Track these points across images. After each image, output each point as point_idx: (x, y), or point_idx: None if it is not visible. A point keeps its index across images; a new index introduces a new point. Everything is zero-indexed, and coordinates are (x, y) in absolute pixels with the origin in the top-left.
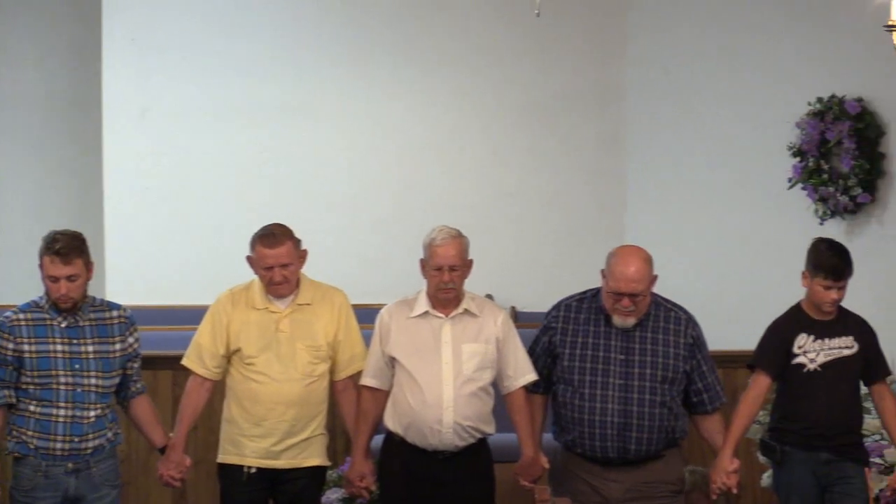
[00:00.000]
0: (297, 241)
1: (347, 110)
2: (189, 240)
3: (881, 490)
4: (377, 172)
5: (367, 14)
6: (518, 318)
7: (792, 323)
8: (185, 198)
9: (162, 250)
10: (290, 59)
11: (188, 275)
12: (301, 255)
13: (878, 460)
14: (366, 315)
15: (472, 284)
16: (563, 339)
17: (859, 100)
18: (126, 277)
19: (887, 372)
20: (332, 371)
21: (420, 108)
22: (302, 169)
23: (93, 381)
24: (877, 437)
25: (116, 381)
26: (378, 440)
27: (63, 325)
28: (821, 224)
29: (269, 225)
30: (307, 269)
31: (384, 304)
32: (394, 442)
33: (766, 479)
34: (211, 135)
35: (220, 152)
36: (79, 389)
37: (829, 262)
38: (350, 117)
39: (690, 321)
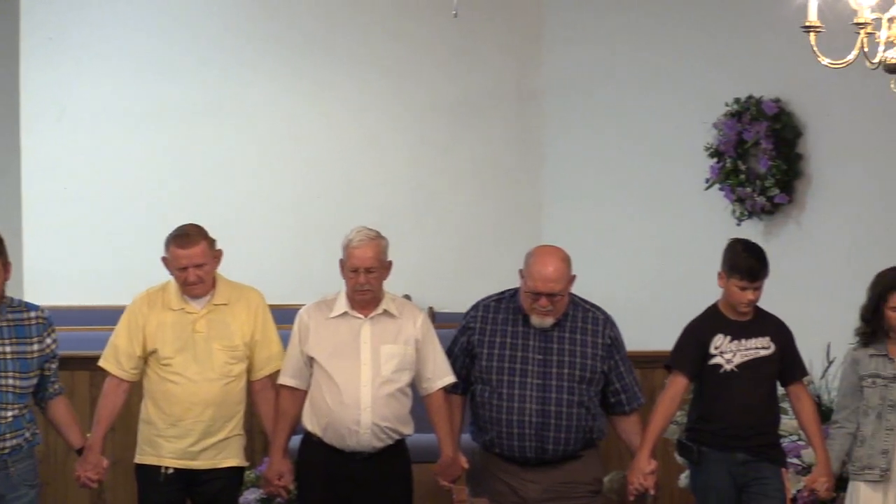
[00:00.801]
0: (212, 241)
1: (263, 112)
2: (107, 240)
3: (798, 491)
4: (294, 173)
5: (283, 16)
6: (436, 318)
7: (708, 323)
8: (102, 198)
9: (80, 251)
10: (208, 61)
11: (106, 275)
12: (216, 255)
13: (795, 461)
14: (284, 315)
15: (390, 285)
16: (482, 339)
17: (776, 100)
18: (44, 278)
19: (804, 372)
20: (249, 371)
21: (337, 109)
22: (219, 170)
23: (10, 381)
24: (794, 437)
25: (34, 381)
26: (296, 440)
27: None
28: (738, 225)
29: (184, 225)
30: (223, 269)
31: (302, 304)
32: (311, 442)
33: (684, 479)
34: (128, 135)
35: (137, 153)
36: None
37: (745, 262)
38: (266, 118)
39: (608, 321)
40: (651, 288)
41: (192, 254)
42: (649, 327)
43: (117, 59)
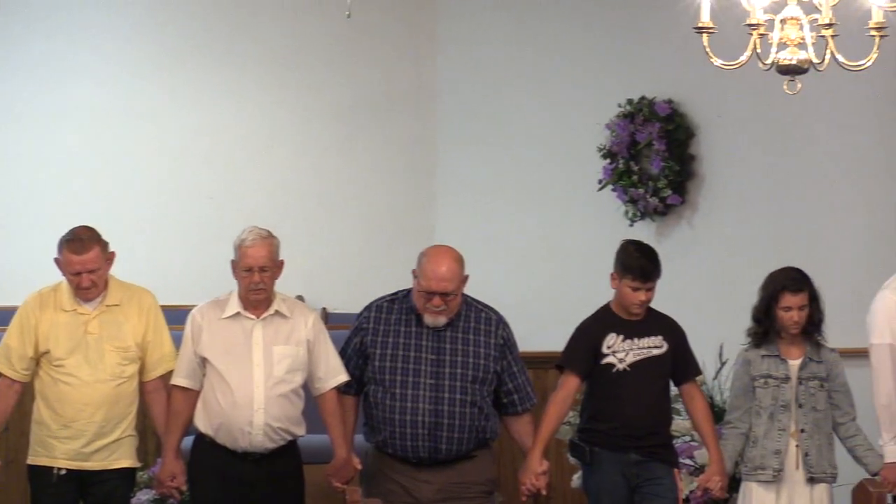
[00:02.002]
0: (105, 245)
1: (160, 112)
2: (4, 240)
3: (691, 491)
4: (188, 173)
5: (179, 14)
6: (329, 319)
7: (601, 323)
8: (1, 197)
9: None
10: (106, 61)
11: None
12: (109, 258)
13: (688, 461)
14: (177, 316)
15: (282, 285)
16: (375, 339)
17: (669, 101)
18: None
19: (697, 372)
20: (141, 372)
21: (231, 109)
22: (114, 169)
23: None
24: (686, 437)
25: None
26: (189, 441)
27: None
28: (631, 225)
29: (76, 229)
30: (116, 269)
31: (195, 305)
32: (204, 443)
33: (576, 480)
34: (27, 134)
35: (33, 153)
36: None
37: (638, 263)
38: (162, 119)
39: (501, 322)
40: (544, 288)
41: (85, 259)
42: (542, 327)
43: (16, 58)
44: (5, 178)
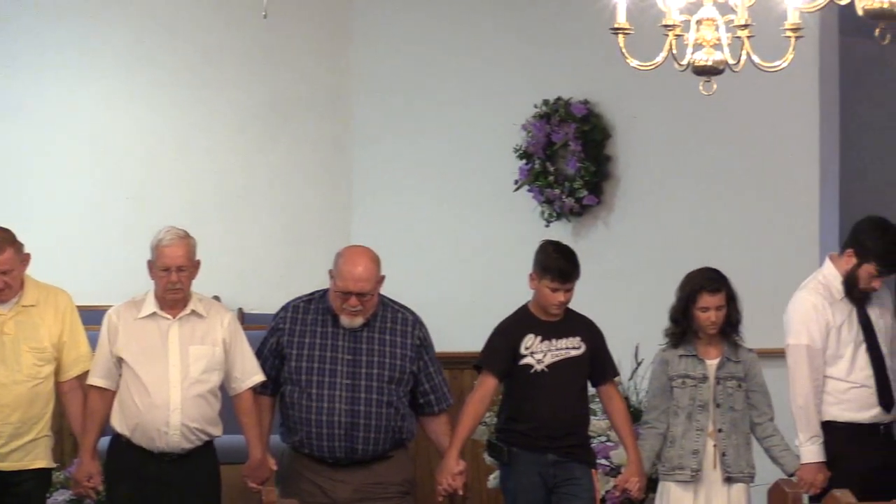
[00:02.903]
0: (20, 246)
1: (76, 113)
2: None
3: (608, 491)
4: (107, 174)
5: (94, 14)
6: (245, 319)
7: (519, 324)
8: None
9: None
10: (18, 60)
11: None
12: (24, 260)
13: (604, 461)
14: (94, 316)
15: (199, 286)
16: (291, 340)
17: (585, 102)
18: None
19: (615, 373)
20: (57, 372)
21: (147, 109)
22: (30, 170)
23: None
24: (603, 438)
25: None
26: (105, 441)
27: None
28: (547, 226)
29: None
30: (33, 269)
31: (112, 305)
32: (120, 443)
33: (493, 480)
34: None
35: None
36: None
37: (557, 264)
38: (78, 120)
39: (417, 322)
40: (461, 289)
41: None
42: (459, 328)
43: None
44: None
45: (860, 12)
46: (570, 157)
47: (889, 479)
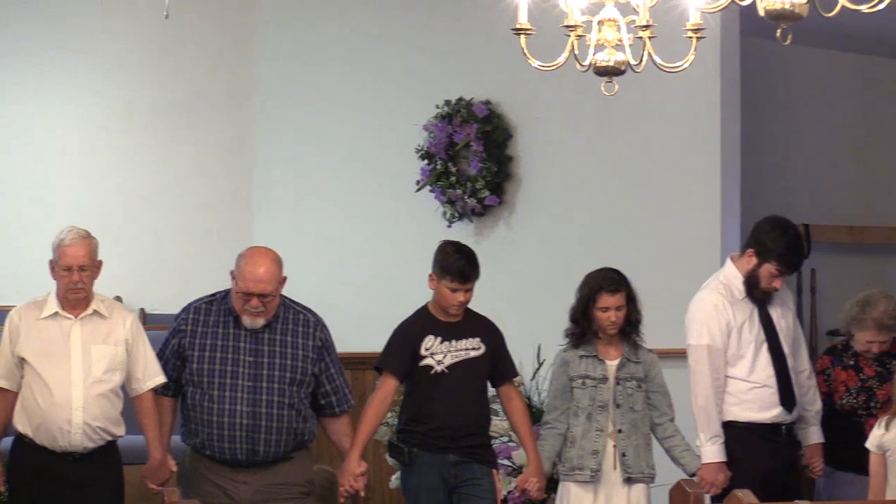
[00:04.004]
0: None
1: None
2: None
3: (510, 492)
4: (7, 174)
5: (2, 10)
6: (147, 319)
7: (419, 325)
8: None
9: None
10: None
11: None
12: None
13: (506, 462)
14: None
15: (101, 286)
16: (193, 341)
17: (487, 102)
18: None
19: (514, 373)
20: None
21: (51, 109)
22: None
23: None
24: (505, 438)
25: None
26: (8, 442)
27: None
28: (449, 226)
29: None
30: None
31: (14, 306)
32: (23, 443)
33: (395, 480)
34: None
35: None
36: None
37: (456, 264)
38: None
39: (319, 323)
40: (362, 289)
41: None
42: (361, 328)
43: None
44: None
45: (761, 13)
46: (472, 158)
47: (790, 478)
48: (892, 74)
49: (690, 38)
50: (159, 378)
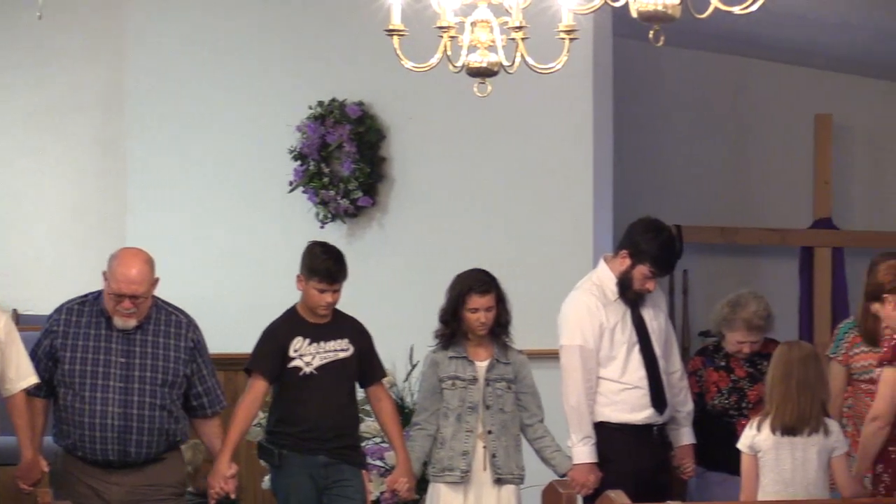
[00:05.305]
0: None
1: None
2: None
3: (382, 493)
4: None
5: None
6: (20, 320)
7: (287, 326)
8: None
9: None
10: None
11: None
12: None
13: (378, 463)
14: None
15: None
16: (65, 342)
17: (360, 104)
18: None
19: (383, 374)
20: None
21: None
22: None
23: None
24: (377, 439)
25: None
26: None
27: None
28: (322, 227)
29: None
30: None
31: None
32: None
33: (267, 481)
34: None
35: None
36: None
37: (324, 265)
38: None
39: (191, 325)
40: (235, 290)
41: None
42: (233, 329)
43: None
44: None
45: (634, 14)
46: (345, 159)
47: (662, 479)
48: (765, 76)
49: (563, 39)
50: (32, 379)
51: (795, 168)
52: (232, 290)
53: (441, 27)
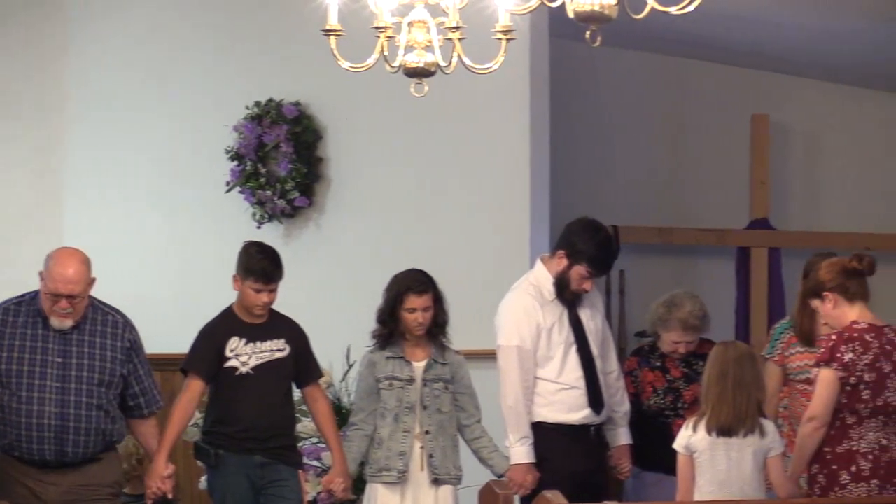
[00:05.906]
0: None
1: None
2: None
3: (318, 493)
4: None
5: None
6: None
7: (223, 326)
8: None
9: None
10: None
11: None
12: None
13: (315, 463)
14: None
15: None
16: (1, 342)
17: (297, 104)
18: None
19: (319, 374)
20: None
21: None
22: None
23: None
24: (314, 439)
25: None
26: None
27: None
28: (259, 227)
29: None
30: None
31: None
32: None
33: (204, 481)
34: None
35: None
36: None
37: (260, 265)
38: None
39: (128, 325)
40: (172, 291)
41: None
42: (169, 329)
43: None
44: None
45: (571, 15)
46: (282, 159)
47: (599, 479)
48: (703, 76)
49: (500, 39)
50: None
51: (732, 168)
52: (168, 291)
53: (378, 27)
